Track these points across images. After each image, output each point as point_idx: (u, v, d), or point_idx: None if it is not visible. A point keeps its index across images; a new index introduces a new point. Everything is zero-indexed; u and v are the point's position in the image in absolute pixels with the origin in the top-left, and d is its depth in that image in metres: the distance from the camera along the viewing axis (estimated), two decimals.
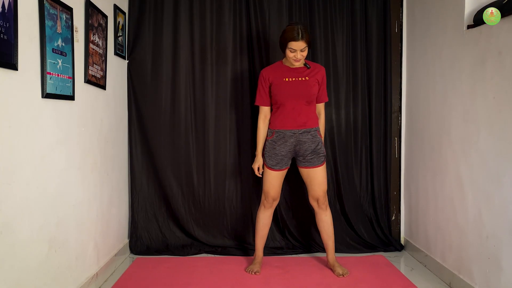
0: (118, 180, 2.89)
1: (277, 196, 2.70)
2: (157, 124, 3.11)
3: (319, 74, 2.64)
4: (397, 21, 3.19)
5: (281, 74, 2.61)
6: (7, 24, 1.59)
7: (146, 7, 3.06)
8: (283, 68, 2.63)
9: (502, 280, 2.05)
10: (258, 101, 2.70)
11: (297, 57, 2.49)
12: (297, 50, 2.47)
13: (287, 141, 2.60)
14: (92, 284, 2.37)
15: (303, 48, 2.47)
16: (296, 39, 2.44)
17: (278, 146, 2.61)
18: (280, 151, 2.61)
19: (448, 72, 2.55)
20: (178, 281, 2.56)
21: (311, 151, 2.60)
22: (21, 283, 1.72)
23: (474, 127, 2.28)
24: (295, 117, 2.59)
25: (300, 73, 2.61)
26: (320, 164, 2.63)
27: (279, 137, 2.61)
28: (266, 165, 2.66)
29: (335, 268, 2.68)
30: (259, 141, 2.70)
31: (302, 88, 2.58)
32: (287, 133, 2.60)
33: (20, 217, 1.71)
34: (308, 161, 2.62)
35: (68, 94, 2.09)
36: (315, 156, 2.61)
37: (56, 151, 1.99)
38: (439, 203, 2.67)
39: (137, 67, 3.08)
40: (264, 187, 2.69)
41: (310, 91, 2.59)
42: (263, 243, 2.78)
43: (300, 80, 2.59)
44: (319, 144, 2.63)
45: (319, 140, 2.64)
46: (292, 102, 2.58)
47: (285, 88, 2.58)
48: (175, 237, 3.14)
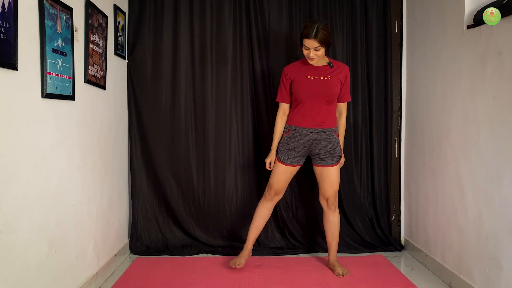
0: (118, 180, 2.89)
1: (280, 191, 2.69)
2: (157, 124, 3.11)
3: (342, 73, 2.60)
4: (397, 21, 3.19)
5: (303, 72, 2.58)
6: (7, 24, 1.59)
7: (146, 7, 3.06)
8: (307, 65, 2.59)
9: (502, 280, 2.05)
10: (279, 97, 2.70)
11: (309, 55, 2.47)
12: (310, 48, 2.45)
13: (302, 139, 2.59)
14: (92, 284, 2.37)
15: (316, 47, 2.43)
16: (309, 37, 2.41)
17: (292, 143, 2.60)
18: (294, 148, 2.60)
19: (448, 72, 2.55)
20: (178, 281, 2.56)
21: (326, 150, 2.59)
22: (21, 283, 1.72)
23: (474, 127, 2.28)
24: (313, 116, 2.57)
25: (322, 71, 2.57)
26: (334, 164, 2.61)
27: (295, 134, 2.60)
28: (278, 158, 2.66)
29: (335, 268, 2.68)
30: (275, 137, 2.70)
31: (323, 87, 2.54)
32: (303, 131, 2.58)
33: (20, 217, 1.71)
34: (322, 159, 2.61)
35: (68, 94, 2.09)
36: (329, 155, 2.60)
37: (56, 151, 1.99)
38: (439, 203, 2.67)
39: (137, 67, 3.08)
40: (270, 179, 2.69)
41: (331, 91, 2.55)
42: (256, 235, 2.76)
43: (322, 79, 2.55)
44: (335, 144, 2.61)
45: (336, 140, 2.61)
46: (311, 100, 2.56)
47: (306, 86, 2.55)
48: (175, 237, 3.14)
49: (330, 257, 2.75)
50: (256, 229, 2.76)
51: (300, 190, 3.17)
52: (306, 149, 2.61)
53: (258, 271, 2.73)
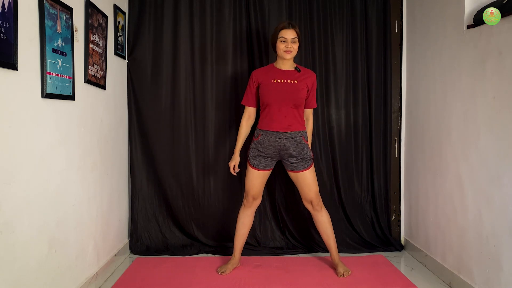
0: (118, 180, 2.89)
1: (257, 196, 2.70)
2: (157, 124, 3.11)
3: (310, 79, 2.64)
4: (397, 21, 3.19)
5: (271, 75, 2.62)
6: (7, 24, 1.59)
7: (146, 7, 3.06)
8: (274, 70, 2.65)
9: (502, 280, 2.05)
10: (244, 100, 2.72)
11: (288, 47, 2.53)
12: (287, 39, 2.52)
13: (271, 144, 2.59)
14: (92, 284, 2.37)
15: (293, 38, 2.53)
16: (287, 28, 2.54)
17: (262, 148, 2.61)
18: (265, 153, 2.61)
19: (448, 72, 2.55)
20: (178, 281, 2.56)
21: (296, 156, 2.60)
22: (21, 283, 1.72)
23: (474, 127, 2.28)
24: (281, 119, 2.58)
25: (290, 75, 2.61)
26: (306, 168, 2.62)
27: (264, 139, 2.61)
28: (250, 164, 2.67)
29: (338, 267, 2.68)
30: (239, 140, 2.71)
31: (290, 90, 2.58)
32: (272, 137, 2.59)
33: (20, 217, 1.71)
34: (294, 165, 2.62)
35: (68, 94, 2.09)
36: (301, 161, 2.61)
37: (56, 151, 1.99)
38: (439, 203, 2.67)
39: (137, 67, 3.08)
40: (245, 186, 2.70)
41: (298, 95, 2.58)
42: (241, 243, 2.77)
43: (288, 83, 2.59)
44: (305, 149, 2.62)
45: (304, 145, 2.62)
46: (279, 103, 2.57)
47: (273, 89, 2.58)
48: (175, 237, 3.14)
49: (333, 257, 2.75)
50: (242, 237, 2.77)
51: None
52: (276, 153, 2.62)
53: (258, 271, 2.73)
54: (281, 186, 3.16)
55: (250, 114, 2.73)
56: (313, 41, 3.14)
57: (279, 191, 3.17)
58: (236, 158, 2.70)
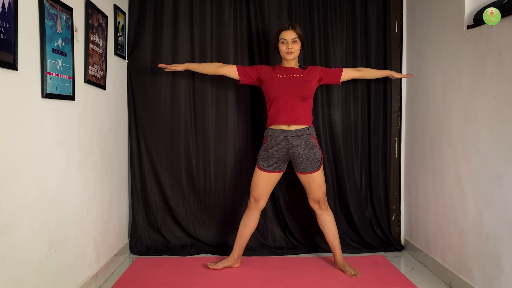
0: (118, 180, 2.89)
1: (259, 197, 2.69)
2: (157, 124, 3.11)
3: (316, 71, 2.70)
4: (397, 21, 3.19)
5: (277, 72, 2.67)
6: (7, 24, 1.59)
7: (146, 7, 3.06)
8: (280, 67, 2.70)
9: (502, 280, 2.05)
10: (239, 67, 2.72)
11: (288, 47, 2.57)
12: (287, 40, 2.56)
13: (279, 144, 2.59)
14: (92, 284, 2.37)
15: (294, 38, 2.57)
16: (286, 29, 2.60)
17: (270, 149, 2.62)
18: (273, 154, 2.61)
19: (448, 72, 2.55)
20: (178, 281, 2.56)
21: (305, 156, 2.59)
22: (21, 283, 1.72)
23: (474, 127, 2.28)
24: (288, 112, 2.58)
25: (295, 71, 2.66)
26: (316, 169, 2.62)
27: (272, 141, 2.61)
28: (258, 166, 2.67)
29: (346, 268, 2.68)
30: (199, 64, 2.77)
31: (296, 83, 2.61)
32: (280, 136, 2.59)
33: (20, 217, 1.71)
34: (303, 167, 2.62)
35: (68, 94, 2.09)
36: (310, 162, 2.61)
37: (56, 151, 1.99)
38: (439, 203, 2.67)
39: (137, 67, 3.08)
40: (252, 188, 2.71)
41: (305, 86, 2.61)
42: (240, 243, 2.75)
43: (294, 77, 2.63)
44: (313, 148, 2.61)
45: (313, 143, 2.62)
46: (285, 96, 2.59)
47: (278, 83, 2.61)
48: (175, 237, 3.14)
49: (337, 259, 2.74)
50: (242, 237, 2.75)
51: (300, 190, 3.17)
52: (285, 154, 2.62)
53: (258, 271, 2.73)
54: (282, 186, 3.16)
55: (227, 68, 2.72)
56: (313, 41, 3.14)
57: (280, 191, 3.17)
58: (179, 66, 2.72)
